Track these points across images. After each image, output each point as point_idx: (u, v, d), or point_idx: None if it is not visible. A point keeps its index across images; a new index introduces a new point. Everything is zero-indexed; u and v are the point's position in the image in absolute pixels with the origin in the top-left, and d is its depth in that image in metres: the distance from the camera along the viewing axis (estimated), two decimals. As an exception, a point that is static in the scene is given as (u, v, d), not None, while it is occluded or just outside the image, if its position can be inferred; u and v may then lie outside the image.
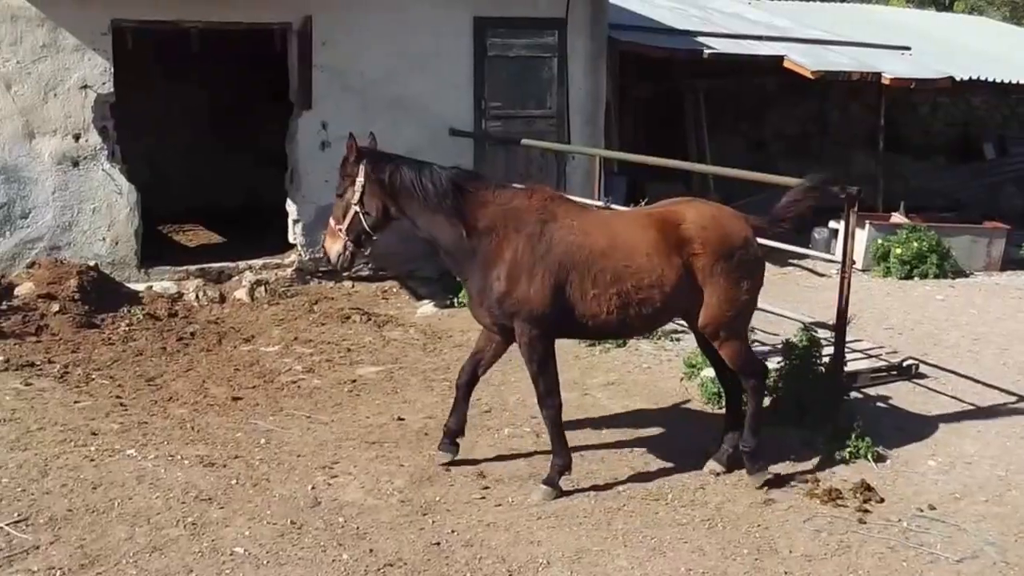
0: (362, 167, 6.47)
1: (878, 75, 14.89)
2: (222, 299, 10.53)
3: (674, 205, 6.79)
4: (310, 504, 6.12)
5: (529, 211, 6.39)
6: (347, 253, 6.59)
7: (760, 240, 6.82)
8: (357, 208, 6.49)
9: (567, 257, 6.30)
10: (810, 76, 14.20)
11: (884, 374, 8.83)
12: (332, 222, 6.59)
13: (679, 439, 7.33)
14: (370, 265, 11.34)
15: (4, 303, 9.53)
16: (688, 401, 8.19)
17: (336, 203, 6.58)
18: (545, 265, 6.27)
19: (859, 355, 8.91)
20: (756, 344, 8.83)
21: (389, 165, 6.51)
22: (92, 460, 6.60)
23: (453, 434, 6.86)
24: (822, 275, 12.98)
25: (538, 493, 6.40)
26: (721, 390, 7.55)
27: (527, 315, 6.31)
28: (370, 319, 10.17)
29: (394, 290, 11.04)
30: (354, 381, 8.46)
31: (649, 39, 14.34)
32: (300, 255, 11.11)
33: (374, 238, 6.67)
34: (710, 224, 6.52)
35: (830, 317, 7.90)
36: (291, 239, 11.20)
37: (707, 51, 14.16)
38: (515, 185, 7.11)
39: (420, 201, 6.40)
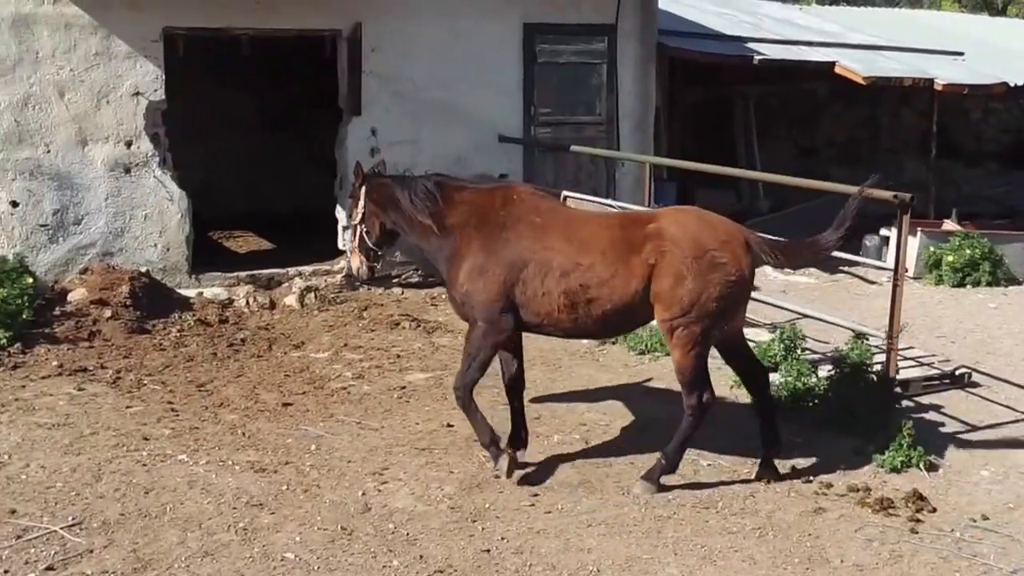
0: (362, 190, 6.98)
1: (930, 81, 14.69)
2: (272, 305, 10.59)
3: (661, 210, 6.84)
4: (360, 510, 6.12)
5: (493, 209, 6.64)
6: (363, 267, 7.14)
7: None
8: (361, 228, 7.03)
9: (520, 254, 6.48)
10: (862, 82, 14.04)
11: (936, 382, 8.68)
12: (349, 242, 7.13)
13: (729, 447, 7.24)
14: (419, 272, 11.38)
15: (57, 309, 9.66)
16: (738, 409, 8.09)
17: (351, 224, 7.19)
18: (498, 261, 6.50)
19: (911, 363, 8.77)
20: (808, 352, 8.74)
21: (379, 185, 6.96)
22: (144, 465, 6.65)
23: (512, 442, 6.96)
24: (872, 283, 12.80)
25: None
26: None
27: (478, 308, 6.57)
28: (419, 325, 10.18)
29: (443, 296, 11.00)
30: (403, 387, 8.46)
31: (699, 45, 14.27)
32: (349, 261, 11.14)
33: (380, 253, 7.17)
34: (675, 228, 6.40)
35: (881, 325, 7.79)
36: (340, 245, 11.26)
37: (757, 57, 14.05)
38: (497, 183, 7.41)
39: (405, 212, 6.82)
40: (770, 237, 6.73)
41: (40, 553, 5.48)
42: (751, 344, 9.17)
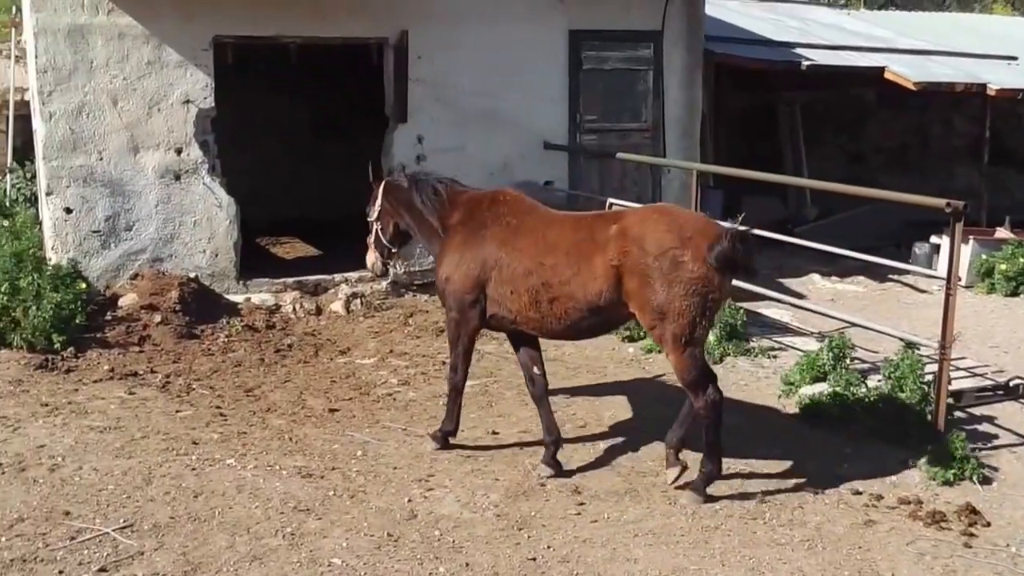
0: (380, 191, 7.43)
1: (983, 86, 14.50)
2: (318, 311, 10.66)
3: (632, 209, 6.97)
4: (406, 517, 6.13)
5: (480, 210, 7.02)
6: (378, 263, 7.69)
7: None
8: (376, 226, 7.51)
9: (493, 253, 6.81)
10: (912, 87, 13.89)
11: (990, 393, 8.54)
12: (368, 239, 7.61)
13: (777, 458, 7.18)
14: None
15: (109, 314, 9.80)
16: (785, 419, 8.03)
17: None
18: (472, 257, 6.88)
19: (964, 374, 8.65)
20: (857, 361, 8.64)
21: (395, 187, 7.39)
22: (194, 469, 6.72)
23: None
24: (923, 291, 12.64)
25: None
26: (818, 408, 7.64)
27: (450, 298, 7.01)
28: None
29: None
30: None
31: (746, 51, 14.18)
32: (396, 268, 11.19)
33: (394, 251, 7.64)
34: (637, 228, 6.38)
35: (933, 334, 7.69)
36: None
37: (805, 63, 13.94)
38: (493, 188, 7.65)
39: (415, 211, 7.27)
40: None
41: (93, 554, 5.56)
42: (797, 353, 9.15)
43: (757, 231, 9.50)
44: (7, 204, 11.19)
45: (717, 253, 6.19)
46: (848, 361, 8.41)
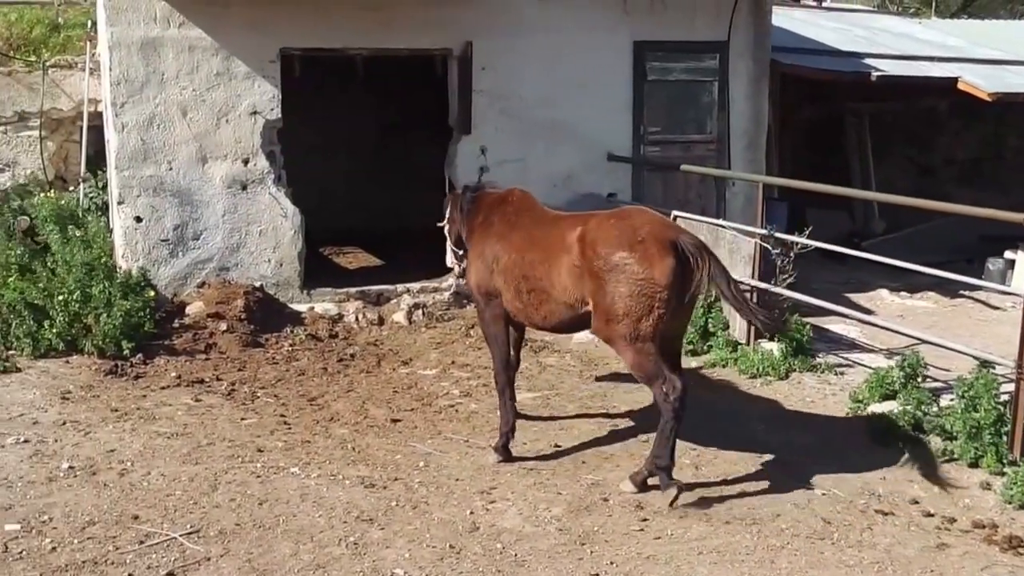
0: (448, 201, 8.17)
1: (1060, 97, 14.14)
2: (381, 321, 10.71)
3: (603, 212, 7.26)
4: (469, 529, 6.12)
5: (493, 209, 7.52)
6: (457, 267, 8.45)
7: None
8: (446, 231, 8.21)
9: (493, 247, 7.32)
10: (986, 98, 13.59)
11: (1068, 414, 8.30)
12: None
13: (844, 476, 7.05)
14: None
15: (176, 321, 9.93)
16: (854, 437, 7.87)
17: None
18: (480, 253, 7.44)
19: (1040, 393, 8.40)
20: (928, 380, 8.46)
21: (455, 197, 8.07)
22: (258, 476, 6.78)
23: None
24: (996, 308, 12.32)
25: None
26: (888, 427, 7.53)
27: (474, 294, 7.65)
28: (526, 344, 10.11)
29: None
30: (510, 406, 8.44)
31: (813, 61, 13.99)
32: (457, 279, 11.20)
33: (461, 254, 8.08)
34: (595, 231, 6.70)
35: (1008, 353, 7.47)
36: (448, 263, 11.31)
37: (875, 73, 13.71)
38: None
39: (459, 217, 7.84)
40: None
41: (161, 559, 5.63)
42: (865, 369, 8.99)
43: (823, 244, 9.55)
44: (80, 213, 11.39)
45: (677, 259, 6.44)
46: (919, 379, 8.24)
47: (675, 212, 10.64)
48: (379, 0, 10.48)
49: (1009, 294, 11.10)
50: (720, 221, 10.57)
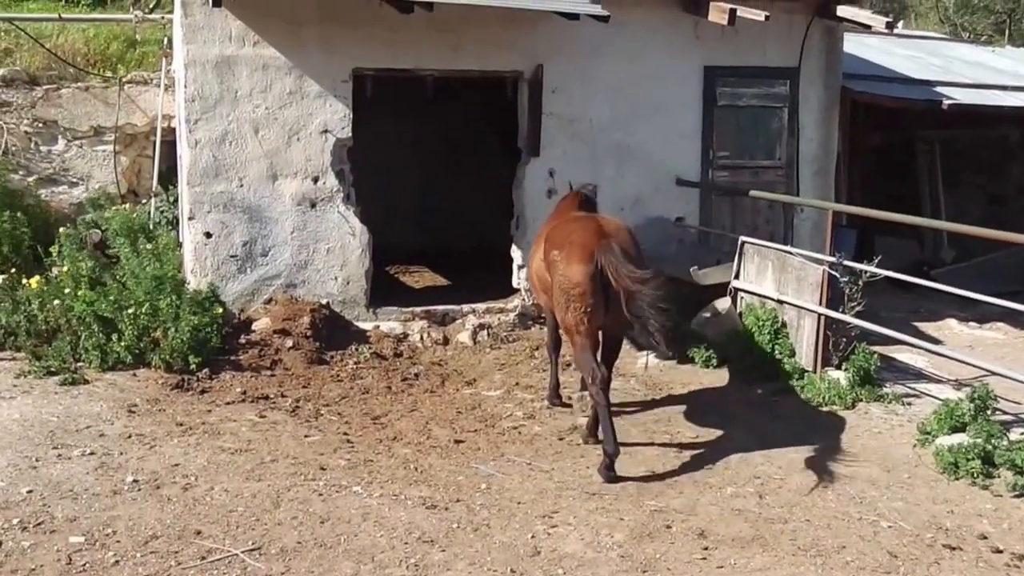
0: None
1: None
2: (445, 341, 10.73)
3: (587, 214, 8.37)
4: (530, 553, 6.08)
5: (554, 211, 9.06)
6: None
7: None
8: None
9: (534, 247, 8.41)
10: (1061, 128, 13.33)
11: None
12: None
13: (911, 509, 6.90)
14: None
15: (243, 337, 10.02)
16: (921, 469, 7.71)
17: None
18: (534, 252, 8.48)
19: (1119, 429, 8.19)
20: (998, 412, 8.28)
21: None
22: (321, 495, 6.80)
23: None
24: (1070, 340, 12.06)
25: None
26: (957, 460, 7.46)
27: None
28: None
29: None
30: (574, 429, 8.40)
31: (884, 89, 13.82)
32: (523, 300, 11.20)
33: None
34: (555, 230, 8.00)
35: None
36: (515, 284, 11.33)
37: (947, 101, 13.51)
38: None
39: None
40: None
41: (222, 575, 5.66)
42: (933, 400, 8.81)
43: (891, 273, 9.40)
44: (150, 227, 11.59)
45: (595, 263, 7.33)
46: (990, 412, 8.06)
47: (743, 238, 10.57)
48: (450, 22, 10.54)
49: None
50: (788, 248, 10.46)
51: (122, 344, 9.25)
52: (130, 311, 9.37)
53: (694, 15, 11.33)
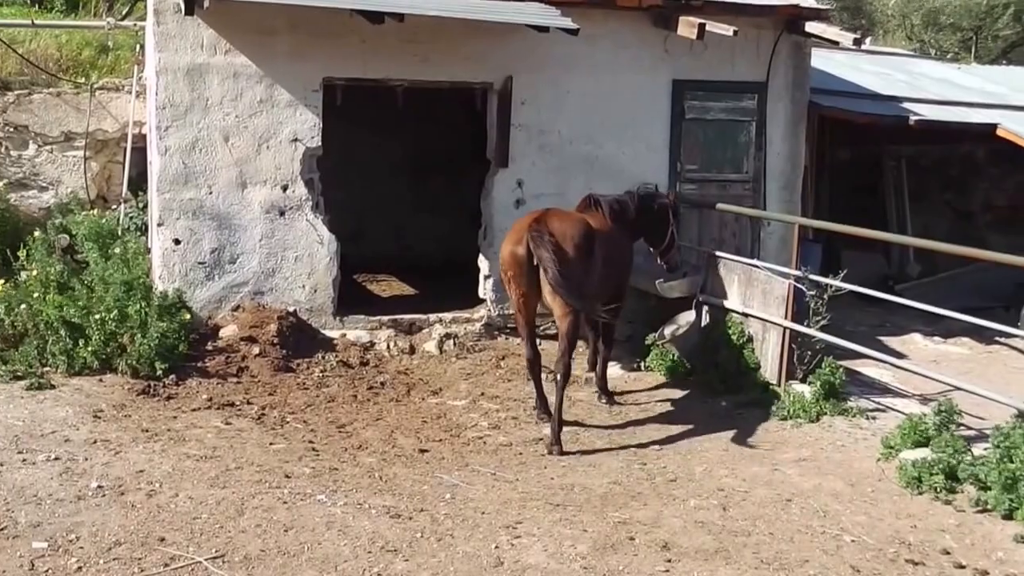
0: None
1: (1101, 146, 13.99)
2: (412, 350, 10.74)
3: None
4: (493, 563, 6.10)
5: None
6: None
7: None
8: None
9: None
10: (1025, 146, 13.50)
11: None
12: None
13: (874, 523, 6.98)
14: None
15: (210, 344, 10.00)
16: (885, 483, 7.80)
17: None
18: None
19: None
20: (963, 428, 8.38)
21: None
22: (285, 503, 6.79)
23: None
24: (1033, 356, 12.21)
25: None
26: (920, 475, 7.55)
27: None
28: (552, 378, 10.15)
29: (581, 350, 10.97)
30: (539, 440, 8.44)
31: (852, 104, 13.94)
32: (489, 310, 11.24)
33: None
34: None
35: (1044, 402, 7.41)
36: (481, 294, 11.35)
37: (913, 117, 13.67)
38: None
39: None
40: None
41: (184, 584, 5.66)
42: (898, 415, 8.91)
43: (857, 288, 9.51)
44: (120, 233, 11.53)
45: (525, 248, 8.41)
46: (954, 427, 8.15)
47: (709, 251, 10.66)
48: (421, 33, 10.57)
49: (1046, 343, 10.99)
50: (754, 261, 10.55)
51: (89, 349, 9.20)
52: (98, 316, 9.32)
53: (664, 29, 11.42)
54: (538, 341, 9.22)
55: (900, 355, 10.86)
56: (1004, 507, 7.02)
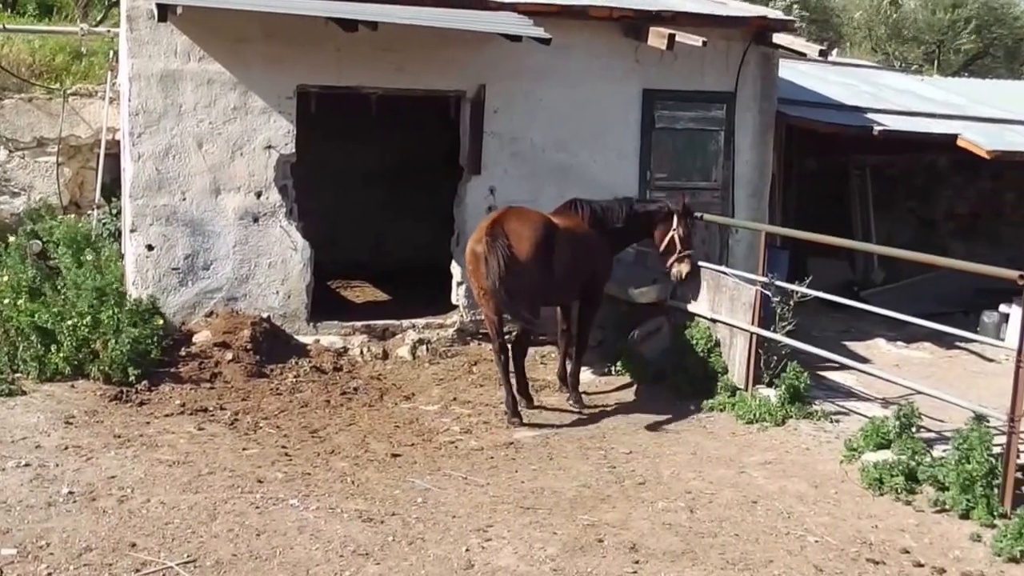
0: None
1: (1059, 156, 14.26)
2: (385, 356, 10.81)
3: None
4: (464, 566, 6.20)
5: None
6: None
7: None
8: None
9: None
10: (985, 155, 13.75)
11: (1061, 469, 8.37)
12: None
13: (837, 524, 7.13)
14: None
15: (183, 349, 10.04)
16: (848, 485, 7.96)
17: None
18: None
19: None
20: (923, 430, 8.55)
21: None
22: (257, 507, 6.86)
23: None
24: (991, 360, 12.40)
25: None
26: (882, 476, 7.73)
27: None
28: (528, 383, 10.25)
29: (552, 355, 11.08)
30: (510, 444, 8.56)
31: (819, 114, 14.15)
32: (462, 316, 11.33)
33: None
34: None
35: (1001, 405, 7.56)
36: (454, 300, 11.44)
37: (877, 128, 13.90)
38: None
39: None
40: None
41: (157, 588, 5.72)
42: (861, 418, 9.08)
43: (823, 294, 9.69)
44: (93, 239, 11.54)
45: (483, 244, 8.92)
46: (914, 429, 8.33)
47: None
48: (395, 42, 10.66)
49: (1003, 347, 11.19)
50: (722, 268, 10.72)
51: (61, 355, 9.23)
52: (70, 322, 9.35)
53: (635, 40, 11.58)
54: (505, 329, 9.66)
55: (864, 360, 11.04)
56: (961, 507, 7.22)
